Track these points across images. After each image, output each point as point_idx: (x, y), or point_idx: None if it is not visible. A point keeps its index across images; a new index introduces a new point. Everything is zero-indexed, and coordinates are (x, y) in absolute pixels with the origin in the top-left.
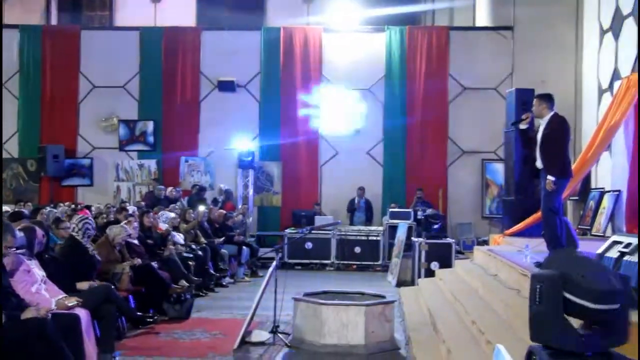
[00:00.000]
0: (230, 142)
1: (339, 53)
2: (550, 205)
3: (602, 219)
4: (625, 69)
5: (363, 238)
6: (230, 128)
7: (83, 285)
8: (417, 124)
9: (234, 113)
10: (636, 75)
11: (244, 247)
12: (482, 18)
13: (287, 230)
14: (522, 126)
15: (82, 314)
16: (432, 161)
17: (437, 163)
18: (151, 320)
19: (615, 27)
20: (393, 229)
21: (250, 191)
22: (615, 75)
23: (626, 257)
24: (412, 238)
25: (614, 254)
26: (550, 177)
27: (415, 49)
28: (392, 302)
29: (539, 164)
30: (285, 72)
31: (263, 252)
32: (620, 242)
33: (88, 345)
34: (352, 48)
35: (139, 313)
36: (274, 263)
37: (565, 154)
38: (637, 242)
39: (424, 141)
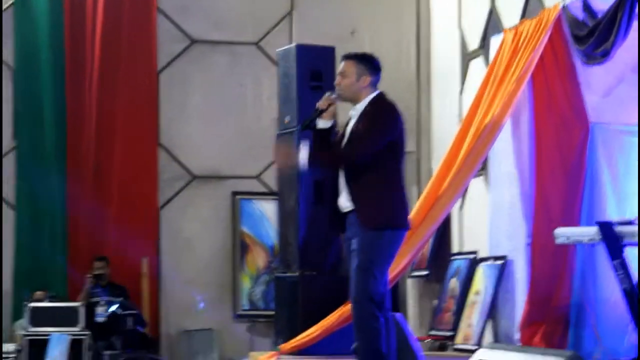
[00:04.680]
0: None
1: None
2: (367, 288)
3: (474, 315)
4: (512, 12)
5: None
6: None
7: None
8: (91, 111)
9: None
10: (531, 22)
11: None
12: None
13: None
14: (323, 124)
15: None
16: (123, 194)
17: (132, 198)
18: None
19: None
20: (40, 347)
21: None
22: (492, 24)
23: None
24: None
25: None
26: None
27: None
28: None
29: (344, 201)
30: None
31: None
32: None
33: None
34: None
35: None
36: None
37: (396, 179)
38: None
39: (106, 149)
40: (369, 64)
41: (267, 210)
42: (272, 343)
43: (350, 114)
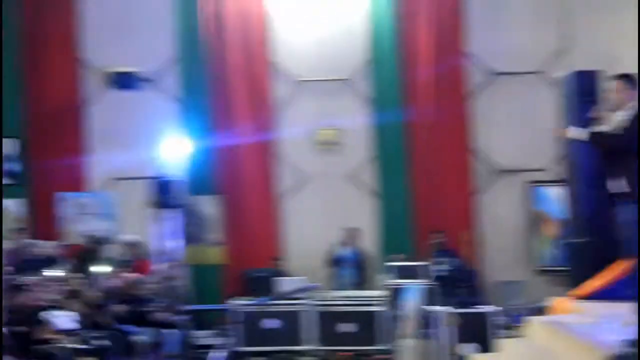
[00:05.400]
0: (137, 165)
1: (296, 28)
2: None
3: None
4: None
5: (355, 309)
6: (134, 143)
7: None
8: (424, 130)
9: (139, 119)
10: None
11: (169, 330)
12: None
13: (235, 302)
14: (600, 128)
15: None
16: (450, 187)
17: (456, 189)
18: None
19: None
20: (399, 294)
21: (175, 243)
22: None
23: None
24: (431, 307)
25: None
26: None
27: (414, 15)
28: None
29: (615, 184)
30: (215, 58)
31: (200, 336)
32: None
33: None
34: (317, 19)
35: None
36: (217, 354)
37: None
38: None
39: (437, 156)
40: (632, 81)
41: (554, 194)
42: (565, 291)
43: (616, 118)
